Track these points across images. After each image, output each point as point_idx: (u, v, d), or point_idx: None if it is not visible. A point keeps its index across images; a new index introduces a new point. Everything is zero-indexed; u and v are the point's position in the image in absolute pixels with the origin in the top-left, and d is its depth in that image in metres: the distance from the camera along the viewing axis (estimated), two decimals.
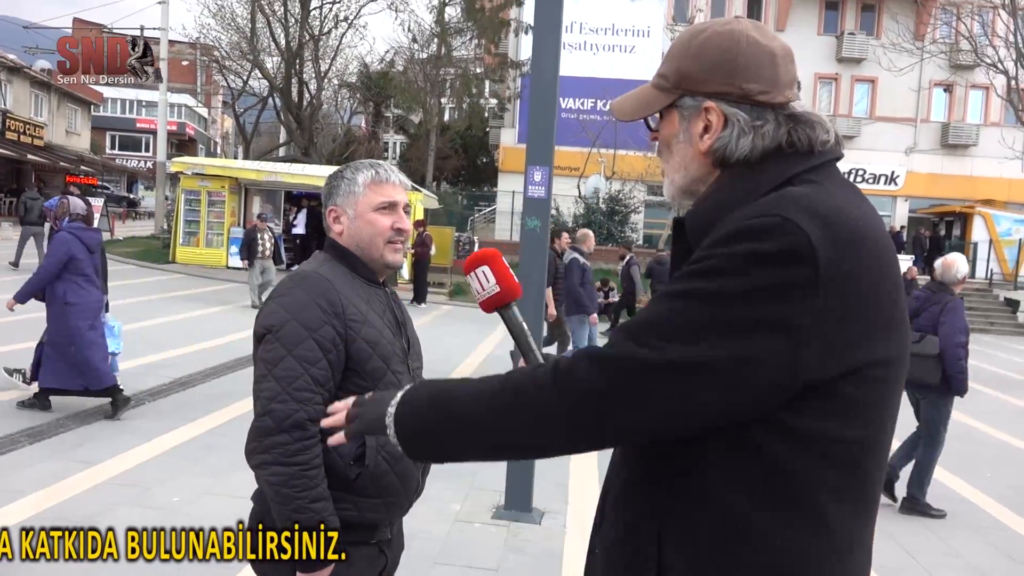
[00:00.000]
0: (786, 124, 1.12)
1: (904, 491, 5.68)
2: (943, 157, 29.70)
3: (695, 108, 1.14)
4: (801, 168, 1.10)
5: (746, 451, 1.02)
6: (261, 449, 1.76)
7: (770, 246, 0.98)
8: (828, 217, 1.00)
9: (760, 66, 1.11)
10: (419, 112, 32.38)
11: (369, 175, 1.96)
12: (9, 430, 5.63)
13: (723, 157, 1.13)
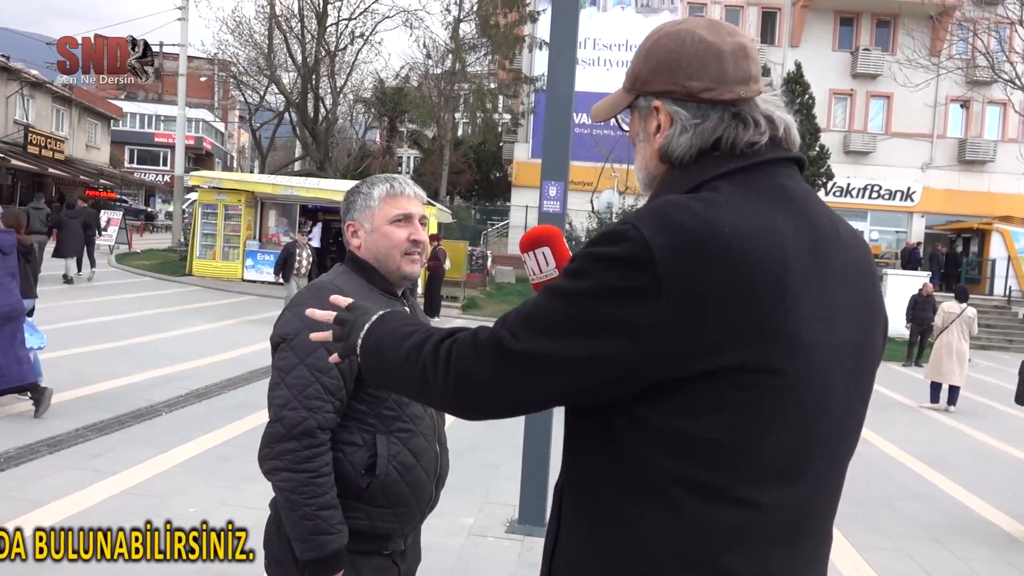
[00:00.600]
0: (727, 122, 1.12)
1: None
2: (960, 173, 29.53)
3: (647, 108, 1.17)
4: (715, 172, 1.10)
5: (611, 441, 1.08)
6: (272, 455, 1.80)
7: (615, 251, 1.03)
8: (683, 226, 1.01)
9: (704, 64, 1.11)
10: (433, 127, 32.58)
11: (384, 189, 2.00)
12: (29, 440, 5.68)
13: (667, 155, 1.15)
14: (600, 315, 1.02)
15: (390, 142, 39.71)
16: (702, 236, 1.01)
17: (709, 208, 1.04)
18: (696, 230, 1.01)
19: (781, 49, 29.49)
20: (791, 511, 1.08)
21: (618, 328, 1.01)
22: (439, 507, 2.13)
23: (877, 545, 5.24)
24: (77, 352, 9.11)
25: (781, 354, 1.02)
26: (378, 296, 1.95)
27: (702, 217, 1.02)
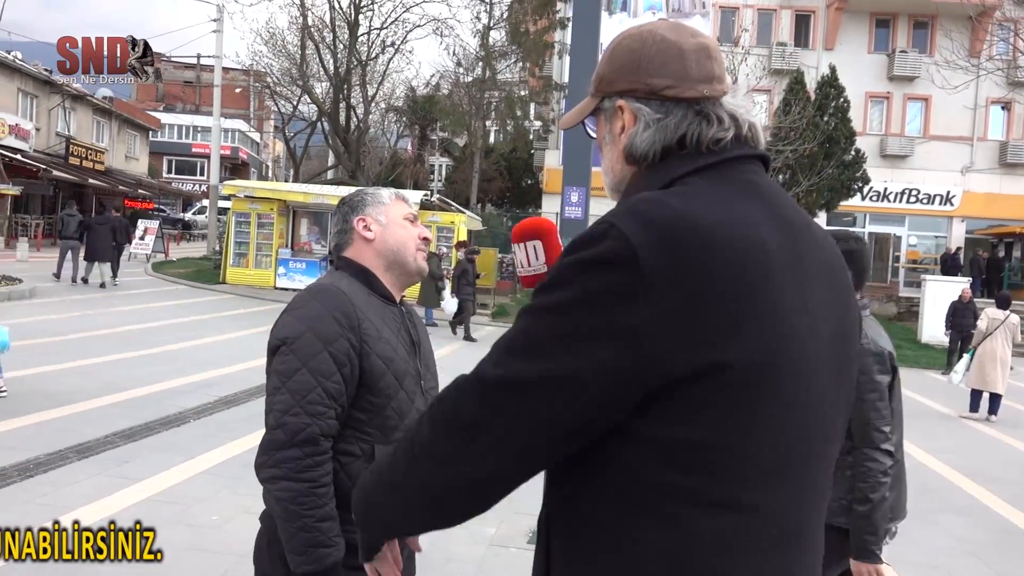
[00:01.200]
0: (691, 119, 1.11)
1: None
2: (1001, 176, 28.81)
3: (612, 108, 1.17)
4: (684, 170, 1.08)
5: (604, 461, 1.02)
6: (271, 463, 1.73)
7: (592, 253, 0.98)
8: (661, 221, 0.98)
9: (666, 62, 1.12)
10: (464, 135, 32.72)
11: (391, 192, 2.07)
12: (58, 446, 5.77)
13: (631, 154, 1.14)
14: (589, 324, 0.96)
15: (421, 150, 39.95)
16: (683, 230, 0.98)
17: (686, 202, 1.01)
18: (676, 224, 0.98)
19: (815, 52, 29.09)
20: (783, 510, 1.05)
21: (609, 334, 0.96)
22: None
23: (913, 560, 5.08)
24: (111, 359, 9.26)
25: (767, 348, 0.99)
26: (376, 301, 1.91)
27: (680, 211, 0.99)
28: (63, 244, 17.40)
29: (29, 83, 28.57)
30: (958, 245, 27.41)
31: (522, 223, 1.46)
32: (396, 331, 1.92)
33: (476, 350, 13.01)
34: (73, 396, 7.28)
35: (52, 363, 8.69)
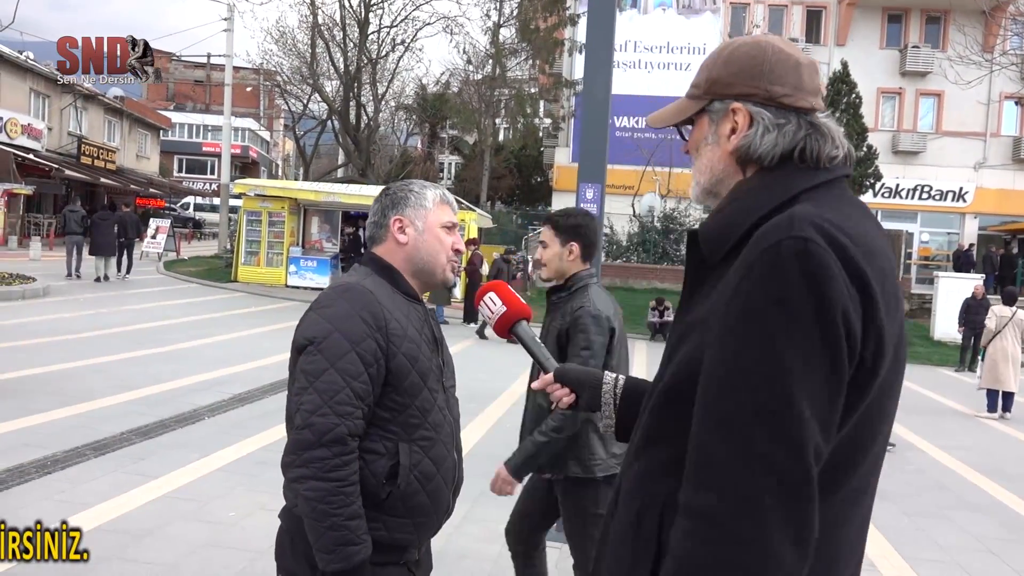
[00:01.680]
0: (806, 129, 1.19)
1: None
2: (1015, 172, 28.58)
3: (723, 110, 1.23)
4: (808, 184, 1.16)
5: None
6: (299, 463, 1.73)
7: (810, 265, 1.02)
8: (840, 236, 1.05)
9: (784, 71, 1.20)
10: (474, 132, 32.74)
11: (437, 194, 2.00)
12: (75, 443, 5.81)
13: (747, 155, 1.20)
14: (823, 335, 1.01)
15: (431, 148, 40.01)
16: (856, 244, 1.06)
17: (842, 220, 1.09)
18: (851, 239, 1.06)
19: (827, 48, 28.93)
20: (867, 501, 1.18)
21: (842, 339, 1.02)
22: (475, 514, 2.09)
23: (929, 557, 5.06)
24: (125, 357, 9.31)
25: (896, 361, 1.12)
26: (401, 299, 1.91)
27: (846, 228, 1.07)
28: (68, 240, 17.80)
29: (41, 83, 28.75)
30: (971, 242, 27.22)
31: (479, 290, 1.76)
32: (420, 329, 1.92)
33: (485, 348, 13.01)
34: (89, 394, 7.33)
35: (67, 361, 8.74)
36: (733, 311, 1.06)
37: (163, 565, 3.95)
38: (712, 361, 1.06)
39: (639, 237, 25.54)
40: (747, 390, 1.02)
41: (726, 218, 1.18)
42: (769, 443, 0.99)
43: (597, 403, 1.54)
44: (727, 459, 1.01)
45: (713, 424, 1.04)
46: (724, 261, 1.16)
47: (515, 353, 12.28)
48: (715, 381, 1.05)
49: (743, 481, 0.99)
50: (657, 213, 25.39)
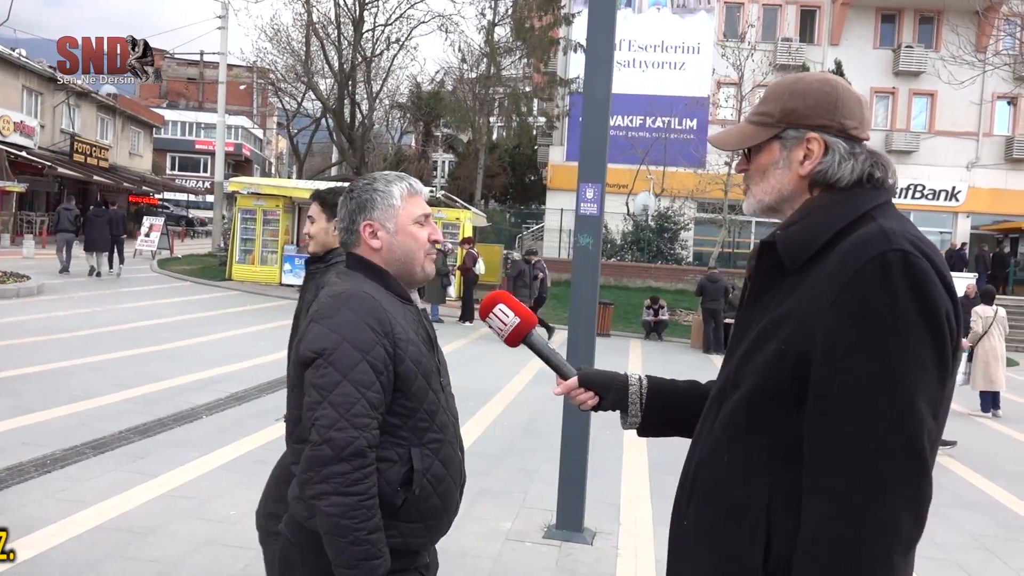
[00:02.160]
0: (871, 158, 1.37)
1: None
2: (1007, 172, 28.74)
3: (797, 139, 1.37)
4: (876, 202, 1.33)
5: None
6: (319, 479, 1.67)
7: (916, 274, 1.19)
8: (925, 249, 1.23)
9: (853, 107, 1.37)
10: (468, 131, 32.68)
11: (404, 187, 1.92)
12: (74, 442, 5.79)
13: (824, 179, 1.36)
14: (929, 338, 1.19)
15: (425, 146, 39.95)
16: (937, 255, 1.24)
17: (919, 234, 1.27)
18: (933, 251, 1.24)
19: (821, 47, 29.03)
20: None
21: (945, 341, 1.20)
22: (476, 512, 2.11)
23: (926, 555, 5.09)
24: (121, 356, 9.29)
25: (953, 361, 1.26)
26: (395, 302, 1.87)
27: (926, 241, 1.26)
28: (60, 237, 18.34)
29: (34, 80, 28.61)
30: (963, 241, 27.35)
31: (480, 306, 1.75)
32: (416, 329, 1.89)
33: (480, 346, 13.01)
34: (86, 392, 7.32)
35: (64, 359, 8.72)
36: (845, 316, 1.20)
37: (166, 563, 3.95)
38: (829, 361, 1.21)
39: (633, 236, 25.57)
40: (869, 388, 1.18)
41: (806, 230, 1.32)
42: (892, 434, 1.17)
43: (624, 403, 1.66)
44: (858, 449, 1.17)
45: (842, 418, 1.19)
46: (800, 268, 1.31)
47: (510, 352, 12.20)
48: (837, 380, 1.20)
49: (872, 467, 1.17)
50: (651, 212, 25.41)
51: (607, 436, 6.88)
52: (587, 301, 4.88)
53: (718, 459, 1.36)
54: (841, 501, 1.17)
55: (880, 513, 1.16)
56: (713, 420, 1.40)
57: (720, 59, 25.96)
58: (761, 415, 1.30)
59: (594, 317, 4.95)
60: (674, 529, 1.46)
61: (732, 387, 1.36)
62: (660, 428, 1.67)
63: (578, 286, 4.90)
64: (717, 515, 1.34)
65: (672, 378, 1.73)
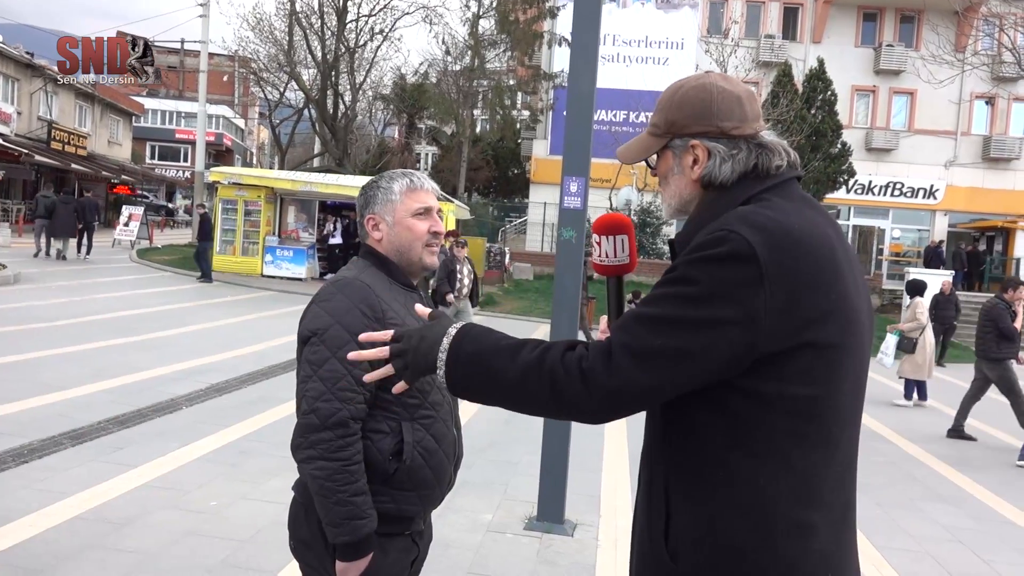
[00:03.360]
0: (756, 151, 1.41)
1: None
2: (984, 171, 29.12)
3: (683, 146, 1.45)
4: (757, 189, 1.39)
5: (723, 412, 1.30)
6: (307, 445, 1.86)
7: (724, 250, 1.25)
8: (766, 226, 1.27)
9: (730, 108, 1.42)
10: (452, 123, 32.60)
11: (404, 183, 2.08)
12: (52, 432, 5.75)
13: (709, 181, 1.43)
14: (714, 310, 1.24)
15: (409, 138, 39.76)
16: (782, 232, 1.28)
17: (776, 213, 1.32)
18: (777, 228, 1.28)
19: (803, 45, 29.21)
20: (849, 445, 1.38)
21: (738, 314, 1.23)
22: (458, 503, 2.18)
23: (901, 547, 5.18)
24: (100, 346, 9.21)
25: (842, 330, 1.30)
26: (398, 289, 2.03)
27: (776, 219, 1.30)
28: (38, 223, 19.33)
29: (10, 66, 28.15)
30: (940, 238, 27.69)
31: (609, 218, 1.65)
32: (416, 316, 1.98)
33: None
34: (64, 382, 7.25)
35: (41, 349, 8.63)
36: (665, 275, 1.32)
37: (145, 554, 3.93)
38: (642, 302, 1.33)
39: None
40: (636, 316, 1.30)
41: (690, 227, 1.43)
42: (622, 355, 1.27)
43: None
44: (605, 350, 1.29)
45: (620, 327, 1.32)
46: None
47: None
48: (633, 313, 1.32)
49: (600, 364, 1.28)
50: (634, 207, 25.49)
51: (588, 429, 6.91)
52: (570, 294, 4.90)
53: (645, 444, 1.50)
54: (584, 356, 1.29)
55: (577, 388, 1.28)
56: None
57: (703, 55, 26.07)
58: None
59: (576, 310, 4.97)
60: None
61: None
62: None
63: (561, 279, 4.92)
64: (640, 496, 1.48)
65: None
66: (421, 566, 2.16)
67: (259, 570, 3.85)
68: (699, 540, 1.31)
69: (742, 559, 1.29)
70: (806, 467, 1.30)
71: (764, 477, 1.29)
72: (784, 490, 1.29)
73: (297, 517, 1.99)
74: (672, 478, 1.36)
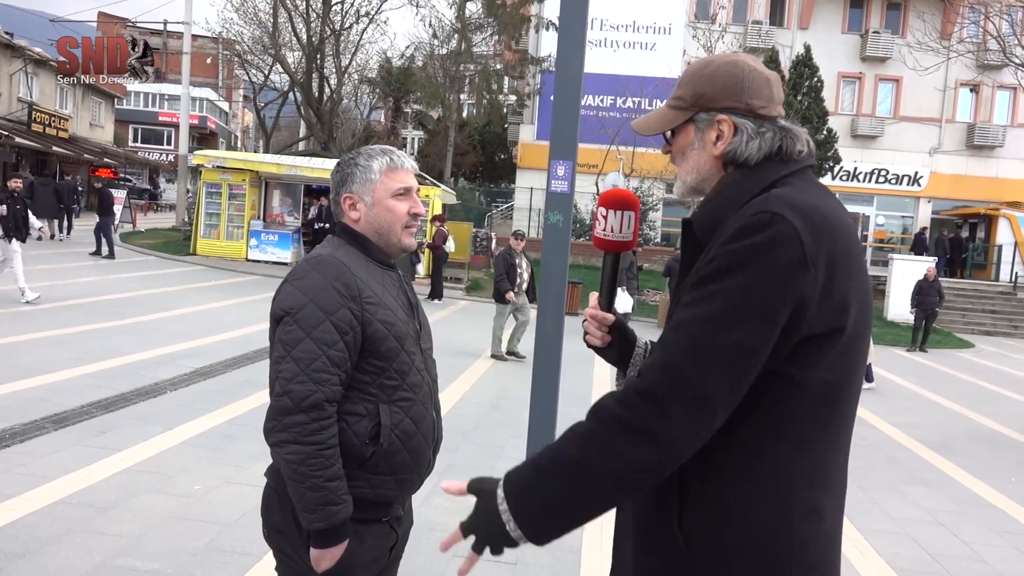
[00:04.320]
0: (780, 133, 1.42)
1: None
2: (968, 158, 29.32)
3: (708, 121, 1.43)
4: (782, 173, 1.39)
5: (754, 396, 1.28)
6: (279, 428, 1.79)
7: (770, 234, 1.24)
8: (805, 209, 1.28)
9: (760, 87, 1.42)
10: (438, 108, 32.42)
11: (384, 162, 2.00)
12: (34, 416, 5.69)
13: (734, 159, 1.42)
14: (778, 294, 1.23)
15: (395, 123, 39.54)
16: (820, 217, 1.28)
17: (808, 197, 1.32)
18: (815, 212, 1.29)
19: (790, 31, 29.22)
20: (851, 428, 1.41)
21: (792, 299, 1.23)
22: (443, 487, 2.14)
23: (883, 529, 5.24)
24: (82, 330, 9.13)
25: (861, 308, 1.32)
26: (375, 268, 1.97)
27: (812, 203, 1.31)
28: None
29: None
30: (923, 225, 27.90)
31: (618, 192, 1.64)
32: (395, 295, 1.99)
33: (450, 326, 12.97)
34: (47, 366, 7.18)
35: (23, 333, 8.54)
36: (705, 263, 1.29)
37: (129, 538, 3.91)
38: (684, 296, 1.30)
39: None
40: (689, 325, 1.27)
41: (715, 207, 1.39)
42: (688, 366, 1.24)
43: (626, 362, 1.68)
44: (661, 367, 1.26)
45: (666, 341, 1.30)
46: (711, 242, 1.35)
47: (477, 329, 12.28)
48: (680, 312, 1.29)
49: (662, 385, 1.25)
50: None
51: (574, 413, 6.93)
52: (557, 278, 4.89)
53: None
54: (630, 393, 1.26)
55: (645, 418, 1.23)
56: None
57: (691, 40, 26.02)
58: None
59: (563, 294, 4.97)
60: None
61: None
62: None
63: (548, 263, 4.91)
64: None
65: None
66: (400, 552, 2.11)
67: (244, 553, 3.84)
68: (717, 522, 1.31)
69: (759, 541, 1.30)
70: (823, 451, 1.33)
71: (786, 460, 1.31)
72: (802, 473, 1.31)
73: (270, 503, 1.93)
74: (689, 461, 1.32)
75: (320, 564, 1.82)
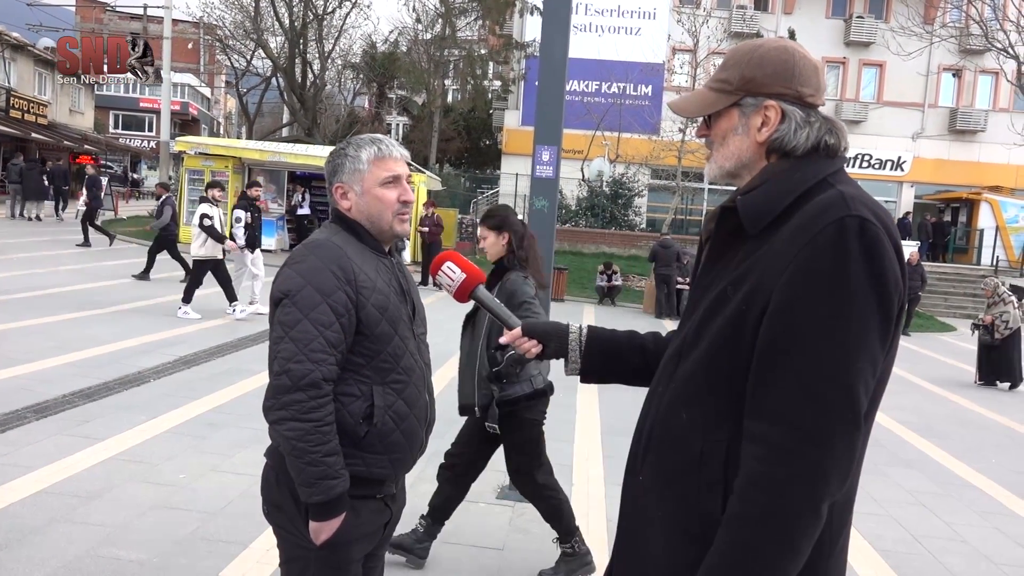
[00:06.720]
0: (826, 125, 1.38)
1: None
2: (950, 143, 29.50)
3: (755, 106, 1.39)
4: (833, 169, 1.36)
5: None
6: (279, 406, 1.86)
7: (861, 243, 1.23)
8: (875, 209, 1.29)
9: (809, 74, 1.39)
10: (423, 93, 32.25)
11: (372, 151, 2.04)
12: (15, 406, 5.63)
13: (780, 147, 1.38)
14: (884, 301, 1.24)
15: (379, 108, 39.28)
16: (885, 215, 1.31)
17: (868, 198, 1.32)
18: (881, 211, 1.31)
19: (774, 16, 29.22)
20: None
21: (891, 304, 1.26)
22: (430, 474, 2.20)
23: (866, 510, 5.29)
24: (64, 318, 9.04)
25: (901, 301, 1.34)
26: (369, 254, 2.02)
27: (874, 203, 1.31)
28: (12, 188, 21.33)
29: None
30: (907, 210, 28.09)
31: (431, 266, 1.87)
32: (388, 281, 2.03)
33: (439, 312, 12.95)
34: (28, 355, 7.11)
35: (3, 322, 8.44)
36: (799, 275, 1.24)
37: (113, 527, 3.88)
38: (779, 316, 1.25)
39: (588, 202, 25.65)
40: (815, 344, 1.22)
41: (767, 195, 1.35)
42: (832, 390, 1.22)
43: (564, 351, 1.71)
44: (798, 400, 1.22)
45: (785, 370, 1.24)
46: (760, 233, 1.34)
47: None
48: (784, 334, 1.24)
49: (810, 418, 1.22)
50: (606, 178, 25.47)
51: (560, 399, 6.92)
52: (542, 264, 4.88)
53: (675, 416, 1.39)
54: (776, 447, 1.22)
55: (812, 459, 1.21)
56: (669, 379, 1.43)
57: (676, 25, 25.96)
58: (721, 374, 1.33)
59: (549, 280, 4.96)
60: (627, 484, 1.50)
61: (690, 347, 1.40)
62: (600, 374, 1.74)
63: None
64: (676, 468, 1.38)
65: (613, 328, 1.81)
66: (393, 529, 2.19)
67: (229, 542, 3.82)
68: None
69: None
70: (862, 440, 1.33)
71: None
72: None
73: (269, 481, 2.00)
74: (736, 449, 1.31)
75: (319, 536, 1.89)
